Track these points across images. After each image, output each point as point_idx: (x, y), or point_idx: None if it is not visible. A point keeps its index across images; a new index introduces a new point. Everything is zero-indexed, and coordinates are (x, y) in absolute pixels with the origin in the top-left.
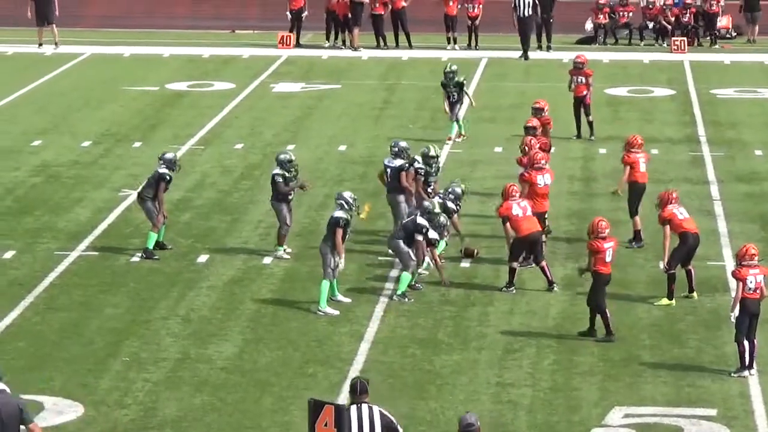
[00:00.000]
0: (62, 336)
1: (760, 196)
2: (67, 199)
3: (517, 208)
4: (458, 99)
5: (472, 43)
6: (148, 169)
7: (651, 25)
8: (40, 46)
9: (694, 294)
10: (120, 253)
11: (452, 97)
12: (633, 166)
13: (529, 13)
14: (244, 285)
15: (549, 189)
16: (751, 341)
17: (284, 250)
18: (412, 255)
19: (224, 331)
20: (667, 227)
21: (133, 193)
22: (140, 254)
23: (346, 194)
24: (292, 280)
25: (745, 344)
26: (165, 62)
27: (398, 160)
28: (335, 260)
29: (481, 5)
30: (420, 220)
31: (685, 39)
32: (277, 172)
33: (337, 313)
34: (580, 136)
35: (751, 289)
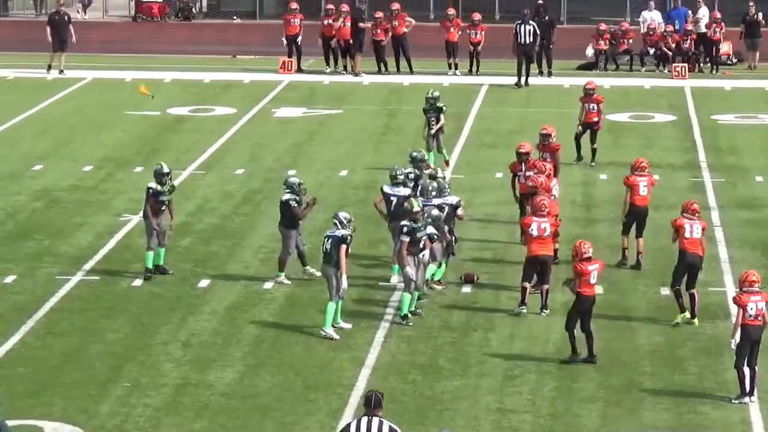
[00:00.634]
0: (63, 361)
1: (761, 222)
2: (68, 223)
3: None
4: (439, 126)
5: (473, 69)
6: None
7: (652, 52)
8: (49, 69)
9: (695, 320)
10: (121, 278)
11: (431, 124)
12: (633, 188)
13: (530, 41)
14: (245, 310)
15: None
16: (753, 368)
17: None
18: (411, 275)
19: (225, 357)
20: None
21: (134, 218)
22: (144, 275)
23: (341, 214)
24: (293, 305)
25: (745, 371)
26: (166, 87)
27: (403, 189)
28: (339, 281)
29: (484, 31)
30: (403, 222)
31: (686, 65)
32: (289, 197)
33: (337, 337)
34: (581, 158)
35: (752, 315)
